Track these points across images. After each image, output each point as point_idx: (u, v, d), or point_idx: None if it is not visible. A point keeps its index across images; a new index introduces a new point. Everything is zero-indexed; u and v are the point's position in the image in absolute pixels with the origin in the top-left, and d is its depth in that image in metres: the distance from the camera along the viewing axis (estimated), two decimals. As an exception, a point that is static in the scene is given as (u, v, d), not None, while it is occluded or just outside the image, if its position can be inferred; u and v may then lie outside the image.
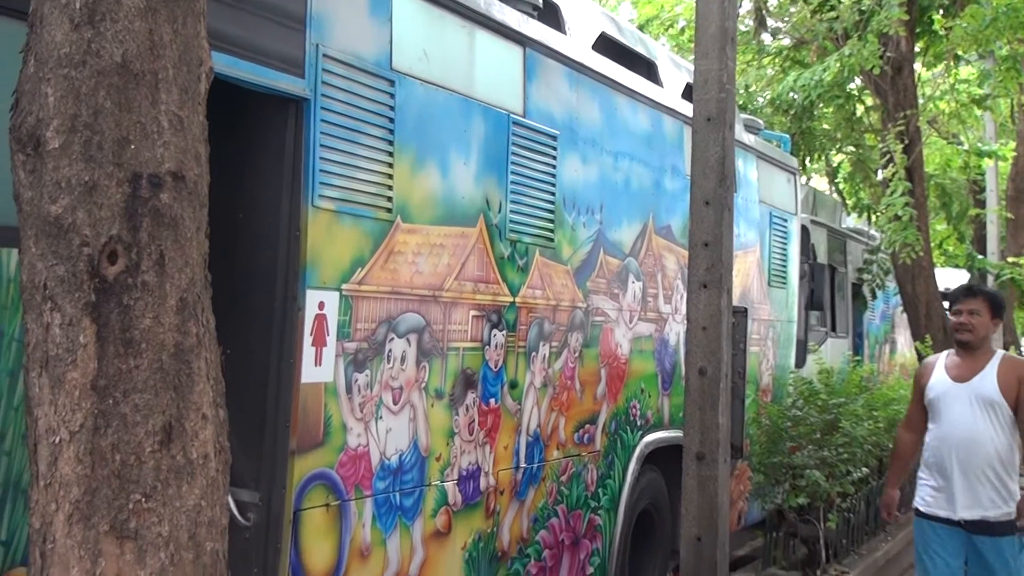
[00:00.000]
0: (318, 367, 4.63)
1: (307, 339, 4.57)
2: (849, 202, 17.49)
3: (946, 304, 9.91)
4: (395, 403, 5.07)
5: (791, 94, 13.56)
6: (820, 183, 22.88)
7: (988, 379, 5.89)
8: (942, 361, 6.17)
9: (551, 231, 6.26)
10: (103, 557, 2.46)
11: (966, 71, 18.21)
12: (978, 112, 18.46)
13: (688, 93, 7.81)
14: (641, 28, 17.10)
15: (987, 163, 19.79)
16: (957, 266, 21.10)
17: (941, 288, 14.30)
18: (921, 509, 6.06)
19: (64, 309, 2.48)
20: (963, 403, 5.92)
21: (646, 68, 7.84)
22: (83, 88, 2.49)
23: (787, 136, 11.96)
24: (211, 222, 2.74)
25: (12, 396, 3.57)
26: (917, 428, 6.27)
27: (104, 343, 2.48)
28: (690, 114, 6.59)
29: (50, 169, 2.49)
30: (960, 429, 5.89)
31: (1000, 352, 6.05)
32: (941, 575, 5.94)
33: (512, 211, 5.91)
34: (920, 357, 13.94)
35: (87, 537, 2.46)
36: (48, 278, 2.49)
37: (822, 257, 12.57)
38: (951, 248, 23.00)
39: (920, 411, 6.22)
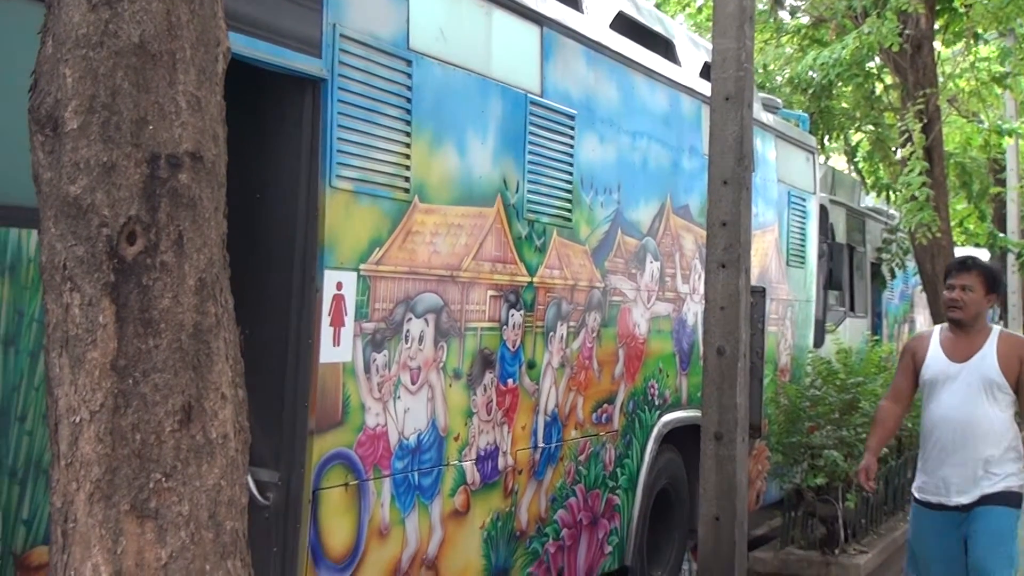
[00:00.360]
0: (336, 347, 4.64)
1: (325, 319, 4.58)
2: (868, 181, 17.42)
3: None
4: (413, 383, 5.08)
5: (810, 73, 13.50)
6: (839, 162, 22.80)
7: (988, 359, 5.59)
8: (936, 337, 5.82)
9: (569, 211, 6.26)
10: (124, 536, 2.48)
11: (986, 49, 18.10)
12: (998, 91, 18.37)
13: (706, 72, 7.79)
14: (658, 7, 17.04)
15: (1007, 141, 19.69)
16: (978, 245, 21.00)
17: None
18: (915, 495, 5.77)
19: (83, 289, 2.49)
20: (962, 384, 5.59)
21: (664, 47, 7.81)
22: (101, 69, 2.50)
23: (806, 115, 11.91)
24: (229, 203, 2.75)
25: (33, 376, 3.59)
26: (903, 401, 6.00)
27: (123, 323, 2.49)
28: (708, 93, 6.58)
29: (69, 150, 2.50)
30: (958, 412, 5.57)
31: (997, 328, 5.80)
32: (931, 560, 5.63)
33: (530, 191, 5.90)
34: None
35: (108, 516, 2.48)
36: (67, 259, 2.50)
37: (841, 236, 12.54)
38: (972, 227, 22.89)
39: (909, 385, 5.92)
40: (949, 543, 5.57)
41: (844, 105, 15.65)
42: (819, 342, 10.56)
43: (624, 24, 7.24)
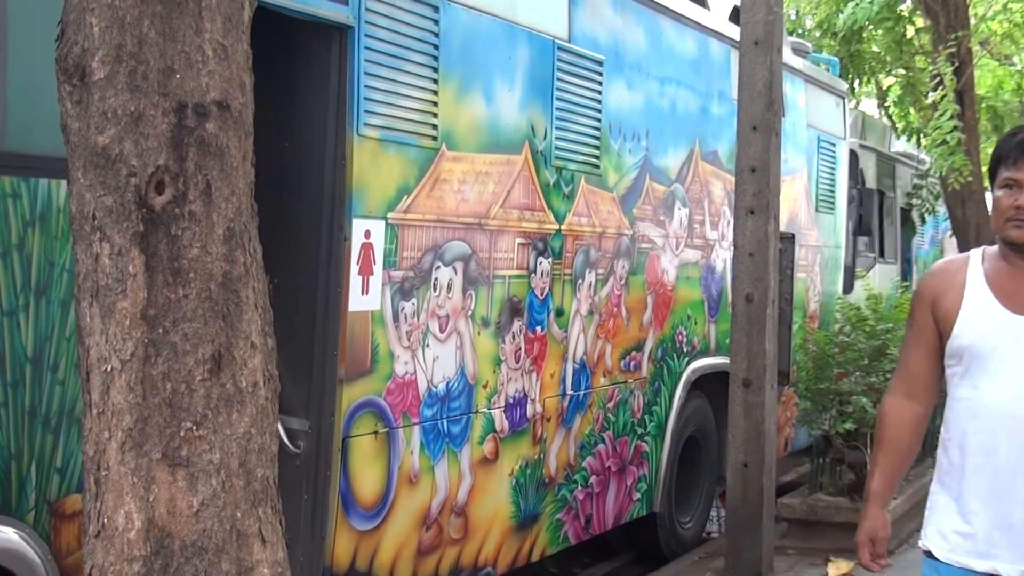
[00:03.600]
0: (365, 296, 4.65)
1: (354, 268, 4.58)
2: (898, 126, 17.27)
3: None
4: (442, 331, 5.09)
5: (840, 16, 13.35)
6: (869, 107, 22.60)
7: None
8: (977, 271, 3.28)
9: (597, 158, 6.23)
10: (156, 484, 2.49)
11: (1020, -10, 17.84)
12: (1031, 33, 18.13)
13: (735, 16, 7.71)
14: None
15: (1040, 85, 19.45)
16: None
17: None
18: (937, 554, 3.26)
19: (113, 239, 2.49)
20: None
21: (692, -9, 7.74)
22: (127, 18, 2.48)
23: (836, 59, 11.79)
24: (257, 151, 2.74)
25: (64, 326, 3.61)
26: (925, 393, 3.39)
27: (153, 273, 2.49)
28: (737, 37, 6.52)
29: (96, 99, 2.50)
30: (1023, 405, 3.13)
31: None
32: None
33: (557, 138, 5.87)
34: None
35: (140, 464, 2.49)
36: (96, 208, 2.50)
37: (871, 182, 12.44)
38: (1003, 172, 22.69)
39: (932, 360, 3.35)
40: None
41: (874, 49, 15.48)
42: (848, 288, 10.52)
43: (652, -32, 7.17)
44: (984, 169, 15.41)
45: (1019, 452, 3.13)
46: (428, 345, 5.01)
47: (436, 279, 5.04)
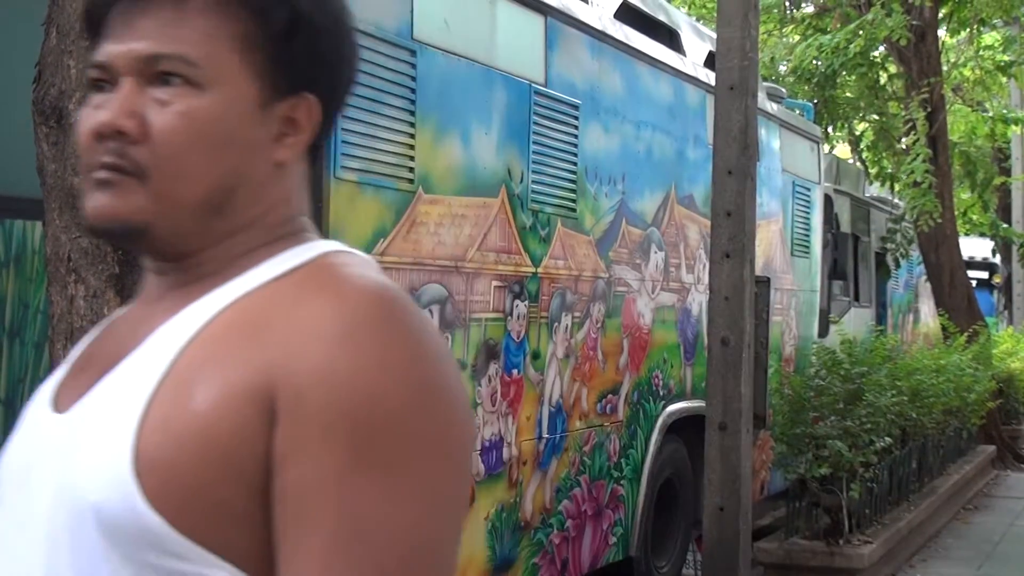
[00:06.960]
0: (341, 338, 4.63)
1: (330, 310, 4.56)
2: (872, 171, 17.40)
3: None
4: (418, 374, 5.07)
5: (815, 62, 13.47)
6: (843, 152, 22.76)
7: (123, 401, 1.14)
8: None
9: (573, 201, 6.24)
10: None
11: (990, 37, 18.07)
12: (1003, 79, 18.34)
13: (711, 61, 7.77)
14: (663, -4, 16.98)
15: (1012, 130, 19.66)
16: (982, 234, 20.98)
17: (965, 256, 14.22)
18: None
19: (88, 281, 2.49)
20: (19, 514, 1.19)
21: (668, 36, 7.79)
22: (105, 60, 2.49)
23: (810, 104, 11.90)
24: (234, 194, 2.74)
25: (38, 368, 3.59)
26: None
27: (128, 315, 2.48)
28: (713, 83, 6.57)
29: (73, 141, 2.50)
30: None
31: (289, 258, 1.23)
32: None
33: (534, 181, 5.89)
34: (944, 329, 13.83)
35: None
36: (72, 250, 2.50)
37: (845, 226, 12.50)
38: (976, 217, 22.90)
39: None
40: None
41: (848, 94, 15.64)
42: (823, 332, 10.55)
43: (628, 13, 7.23)
44: (957, 213, 15.49)
45: None
46: (404, 388, 4.99)
47: (412, 322, 5.02)
